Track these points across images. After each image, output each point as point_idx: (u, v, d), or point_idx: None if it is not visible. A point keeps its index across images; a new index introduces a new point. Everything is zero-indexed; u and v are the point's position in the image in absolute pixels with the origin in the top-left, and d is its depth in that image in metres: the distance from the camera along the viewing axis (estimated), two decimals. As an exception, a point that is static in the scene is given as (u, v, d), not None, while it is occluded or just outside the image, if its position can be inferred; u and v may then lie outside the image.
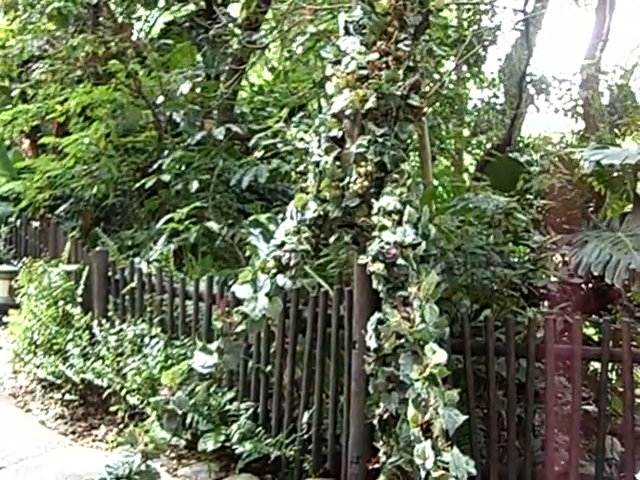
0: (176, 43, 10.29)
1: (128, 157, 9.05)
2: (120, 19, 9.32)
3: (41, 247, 9.29)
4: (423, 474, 3.37)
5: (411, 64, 4.14)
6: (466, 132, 10.17)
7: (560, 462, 4.66)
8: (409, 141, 4.08)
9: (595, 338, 5.60)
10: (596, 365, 5.27)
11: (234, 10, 9.64)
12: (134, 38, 9.70)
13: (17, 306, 7.52)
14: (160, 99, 8.75)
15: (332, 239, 4.42)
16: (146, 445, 3.80)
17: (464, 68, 9.13)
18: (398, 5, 4.18)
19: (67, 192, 9.49)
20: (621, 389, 5.14)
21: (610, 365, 4.71)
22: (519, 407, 4.67)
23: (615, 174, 5.78)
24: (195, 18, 9.79)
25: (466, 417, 3.55)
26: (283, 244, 4.00)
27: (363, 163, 3.92)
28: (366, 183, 3.91)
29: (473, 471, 3.40)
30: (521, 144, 9.19)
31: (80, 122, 9.23)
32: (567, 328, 5.00)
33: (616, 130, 8.44)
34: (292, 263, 3.96)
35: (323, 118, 4.18)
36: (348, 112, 3.98)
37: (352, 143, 4.00)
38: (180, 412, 3.84)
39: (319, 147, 4.11)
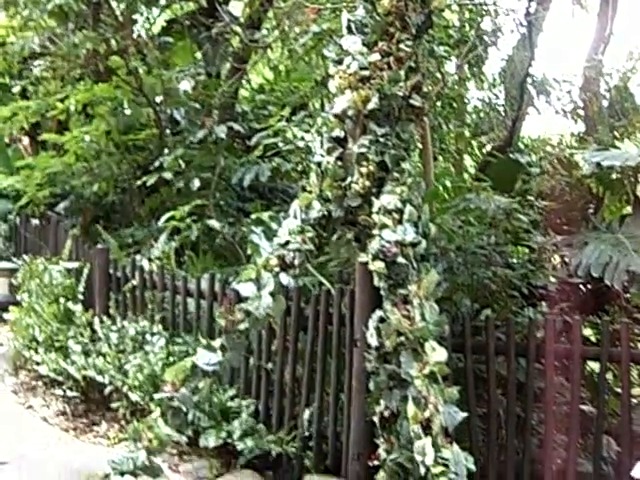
0: (177, 41, 10.31)
1: (129, 155, 9.07)
2: (121, 16, 9.32)
3: (41, 244, 9.30)
4: (423, 470, 3.41)
5: (412, 64, 4.18)
6: (466, 133, 10.19)
7: (557, 460, 4.70)
8: (410, 141, 4.11)
9: (592, 339, 5.64)
10: (592, 365, 5.31)
11: (235, 8, 9.68)
12: (135, 36, 9.73)
13: (17, 303, 7.55)
14: (160, 97, 8.78)
15: (334, 238, 4.45)
16: (150, 441, 3.83)
17: (465, 68, 9.17)
18: (400, 5, 4.22)
19: (67, 189, 9.51)
20: (617, 389, 5.20)
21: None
22: (518, 406, 4.70)
23: (614, 176, 5.82)
24: (196, 16, 9.80)
25: (465, 414, 3.59)
26: (287, 243, 4.03)
27: (365, 163, 3.96)
28: (368, 183, 3.95)
29: (472, 467, 3.45)
30: (521, 145, 9.23)
31: (81, 119, 9.26)
32: (566, 328, 5.04)
33: (615, 132, 8.49)
34: (296, 262, 3.99)
35: (325, 118, 4.21)
36: (350, 112, 4.01)
37: (354, 143, 4.04)
38: (185, 409, 3.88)
39: (321, 147, 4.14)
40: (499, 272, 5.25)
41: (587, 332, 5.79)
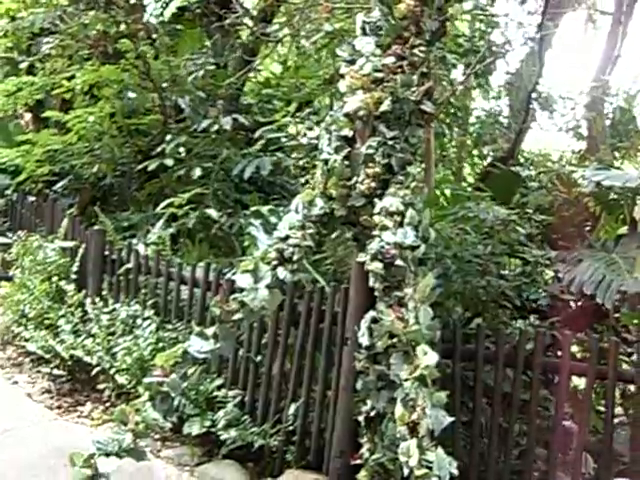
0: (187, 29, 10.31)
1: (131, 139, 9.08)
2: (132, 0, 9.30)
3: (37, 222, 9.29)
4: (406, 472, 3.44)
5: (424, 70, 4.20)
6: (468, 142, 10.24)
7: (536, 473, 4.74)
8: (418, 146, 4.13)
9: (578, 355, 5.68)
10: (577, 382, 5.35)
11: (248, 0, 9.69)
12: (145, 20, 9.71)
13: (9, 278, 7.55)
14: (166, 83, 8.79)
15: (333, 236, 4.48)
16: (137, 424, 3.85)
17: (471, 78, 9.21)
18: (416, 10, 4.24)
19: (66, 169, 9.50)
20: (598, 407, 5.24)
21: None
22: (502, 416, 4.73)
23: (613, 196, 5.86)
24: (208, 5, 9.80)
25: (452, 419, 3.62)
26: (287, 237, 4.05)
27: (371, 164, 3.99)
28: (373, 184, 3.97)
29: (455, 472, 3.48)
30: (522, 159, 9.28)
31: (86, 100, 9.25)
32: (553, 343, 5.08)
33: (616, 153, 8.55)
34: (295, 258, 4.02)
35: (335, 117, 4.22)
36: (361, 113, 4.03)
37: (362, 144, 4.06)
38: (173, 394, 3.90)
39: (329, 145, 4.16)
40: (493, 282, 5.28)
41: (574, 348, 5.84)
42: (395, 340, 3.76)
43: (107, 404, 5.87)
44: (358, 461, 4.16)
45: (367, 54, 4.15)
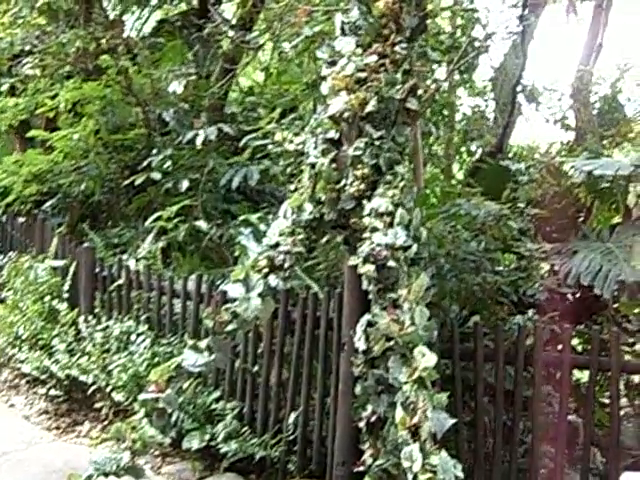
0: (167, 41, 10.27)
1: (117, 154, 9.01)
2: (112, 15, 9.27)
3: (27, 242, 9.21)
4: (410, 477, 3.37)
5: (407, 67, 4.15)
6: (455, 139, 10.20)
7: (543, 470, 4.67)
8: (405, 145, 4.08)
9: (579, 348, 5.63)
10: (578, 375, 5.30)
11: (227, 10, 9.65)
12: (125, 35, 9.66)
13: (2, 300, 7.48)
14: (149, 97, 8.73)
15: (323, 240, 4.42)
16: (134, 442, 3.78)
17: (455, 75, 9.18)
18: (394, 7, 4.18)
19: (54, 188, 9.42)
20: (602, 400, 5.18)
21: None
22: (505, 414, 4.68)
23: (604, 185, 5.82)
24: (188, 16, 9.76)
25: (454, 421, 3.56)
26: (277, 245, 3.99)
27: (360, 166, 3.93)
28: (362, 186, 3.91)
29: (460, 475, 3.41)
30: (511, 153, 9.25)
31: (70, 118, 9.19)
32: (553, 337, 5.03)
33: (604, 142, 8.53)
34: (286, 265, 3.95)
35: (320, 120, 4.17)
36: (346, 115, 3.98)
37: (349, 145, 4.00)
38: (170, 410, 3.83)
39: (315, 148, 4.10)
40: (488, 279, 5.23)
41: (574, 341, 5.79)
42: (392, 343, 3.71)
43: (105, 422, 5.81)
44: (361, 468, 4.09)
45: (348, 54, 4.10)
